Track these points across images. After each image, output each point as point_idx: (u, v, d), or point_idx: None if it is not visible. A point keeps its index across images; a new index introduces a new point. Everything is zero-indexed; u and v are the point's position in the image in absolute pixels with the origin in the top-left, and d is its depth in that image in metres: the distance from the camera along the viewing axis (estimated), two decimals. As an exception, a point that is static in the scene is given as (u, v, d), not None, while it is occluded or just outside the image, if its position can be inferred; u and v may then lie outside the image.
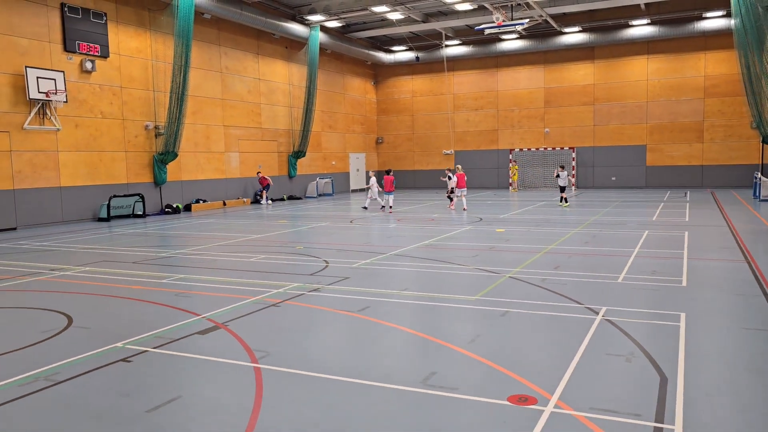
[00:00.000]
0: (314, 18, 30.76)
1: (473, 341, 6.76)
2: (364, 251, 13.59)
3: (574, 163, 35.98)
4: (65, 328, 7.66)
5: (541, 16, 30.50)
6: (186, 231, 18.72)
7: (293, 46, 32.48)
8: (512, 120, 37.90)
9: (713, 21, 31.58)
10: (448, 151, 39.66)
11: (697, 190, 32.06)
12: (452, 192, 24.18)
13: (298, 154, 32.83)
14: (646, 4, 31.57)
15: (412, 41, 38.08)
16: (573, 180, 23.12)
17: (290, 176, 32.84)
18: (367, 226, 18.84)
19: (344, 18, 31.11)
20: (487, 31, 29.33)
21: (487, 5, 28.64)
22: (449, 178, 24.70)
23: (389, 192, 22.76)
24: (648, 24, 32.74)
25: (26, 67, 19.61)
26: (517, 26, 28.16)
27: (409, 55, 39.01)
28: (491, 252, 13.10)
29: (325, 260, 12.43)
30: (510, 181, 36.85)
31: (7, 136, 19.51)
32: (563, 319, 7.60)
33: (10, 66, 19.53)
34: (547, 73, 36.75)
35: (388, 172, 23.66)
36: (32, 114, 20.07)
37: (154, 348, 6.76)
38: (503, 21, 27.77)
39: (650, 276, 10.14)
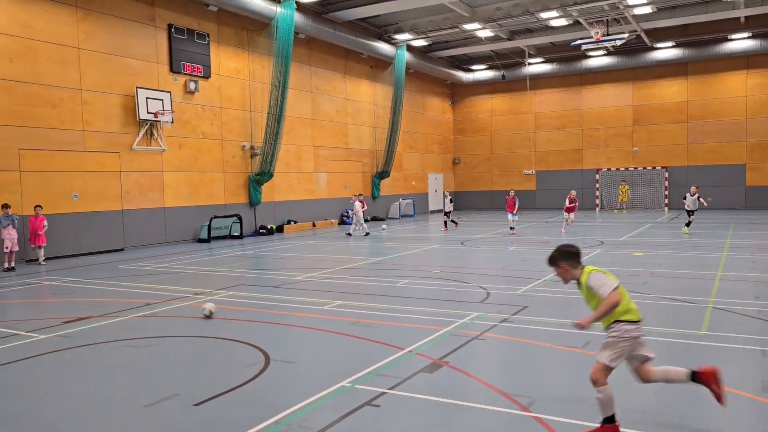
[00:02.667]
0: (401, 37, 30.33)
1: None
2: (510, 276, 12.68)
3: (666, 183, 34.35)
4: (267, 363, 6.97)
5: (635, 30, 29.37)
6: (295, 253, 18.18)
7: (378, 65, 32.12)
8: (598, 139, 36.56)
9: (822, 33, 29.81)
10: (529, 171, 38.51)
11: (807, 211, 30.02)
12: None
13: (382, 174, 32.29)
14: (746, 17, 30.05)
15: (491, 60, 37.33)
16: (704, 202, 20.91)
17: (374, 197, 32.26)
18: (486, 249, 17.92)
19: (431, 36, 30.60)
20: (583, 47, 28.36)
21: (582, 21, 27.68)
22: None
23: (510, 213, 22.43)
24: (748, 38, 31.15)
25: (137, 87, 19.60)
26: (617, 41, 27.07)
27: (489, 74, 38.25)
28: (658, 278, 12.00)
29: (479, 286, 11.58)
30: (619, 201, 35.13)
31: (117, 157, 19.47)
32: (843, 362, 6.52)
33: (122, 87, 19.54)
34: (635, 90, 35.36)
35: (511, 195, 22.89)
36: (141, 135, 20.03)
37: (390, 389, 5.98)
38: (602, 36, 26.73)
39: None
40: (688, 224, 21.14)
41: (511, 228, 22.19)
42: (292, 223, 26.49)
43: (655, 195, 34.60)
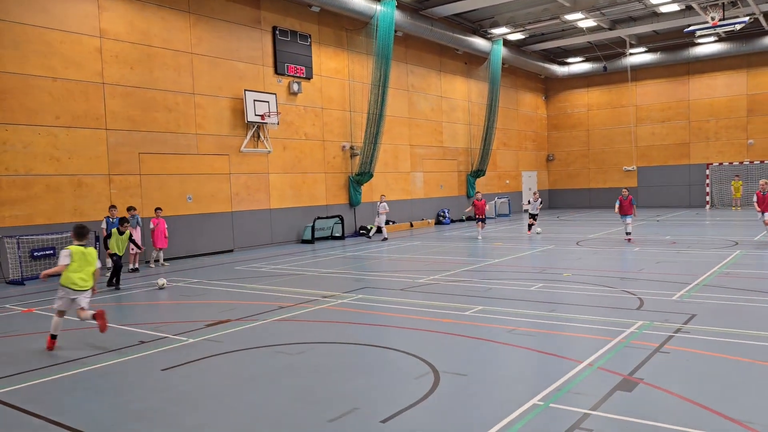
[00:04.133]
0: (497, 31, 29.44)
1: None
2: (653, 280, 11.72)
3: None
4: (437, 375, 6.49)
5: (753, 13, 27.20)
6: (404, 254, 17.76)
7: (472, 61, 31.36)
8: (707, 131, 34.27)
9: None
10: (630, 168, 36.61)
11: None
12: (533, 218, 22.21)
13: (478, 173, 31.49)
14: None
15: (587, 52, 35.74)
16: None
17: (468, 196, 31.51)
18: (608, 250, 16.86)
19: (529, 29, 29.52)
20: (698, 33, 26.56)
21: (694, 5, 25.87)
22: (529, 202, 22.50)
23: (627, 215, 18.67)
24: None
25: (245, 90, 19.77)
26: (736, 24, 25.13)
27: (584, 67, 36.67)
28: (829, 284, 10.75)
29: (625, 291, 10.72)
30: (733, 198, 32.73)
31: (227, 159, 19.71)
32: None
33: (231, 90, 19.77)
34: (750, 78, 32.88)
35: (624, 195, 19.07)
36: (248, 137, 20.20)
37: (591, 410, 5.35)
38: (719, 21, 24.88)
39: None
40: None
41: (628, 233, 18.68)
42: (391, 223, 26.16)
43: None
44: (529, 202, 21.82)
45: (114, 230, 13.14)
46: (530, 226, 22.35)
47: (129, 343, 8.30)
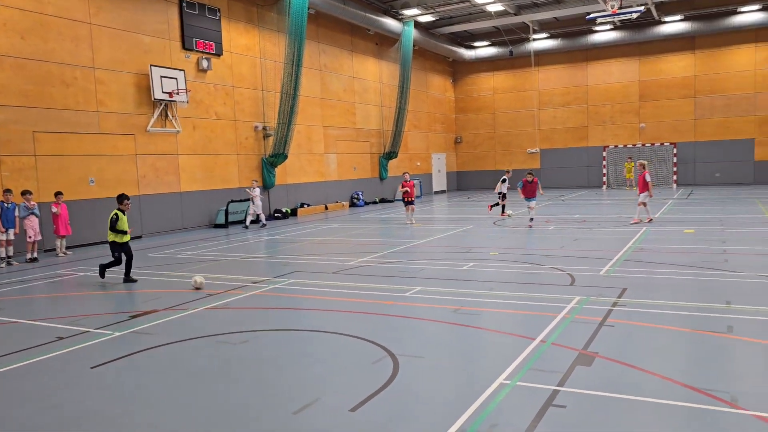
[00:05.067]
0: (408, 12, 29.41)
1: None
2: (577, 257, 12.13)
3: (675, 159, 34.15)
4: (395, 359, 6.30)
5: (646, 3, 28.82)
6: (325, 237, 17.42)
7: (383, 42, 31.18)
8: (603, 116, 36.15)
9: (831, 5, 29.60)
10: (533, 150, 38.02)
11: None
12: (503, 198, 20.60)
13: (390, 155, 31.52)
14: (756, -11, 29.73)
15: (493, 36, 36.56)
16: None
17: (381, 178, 31.52)
18: (525, 229, 17.30)
19: (439, 12, 29.72)
20: (598, 20, 27.75)
21: (596, -7, 27.04)
22: (504, 180, 20.78)
23: (531, 198, 17.83)
24: (758, 10, 30.81)
25: (151, 65, 18.52)
26: (632, 13, 26.51)
27: (491, 51, 37.50)
28: (737, 256, 11.52)
29: (554, 268, 11.00)
30: (626, 178, 34.50)
31: (132, 139, 18.43)
32: None
33: (135, 65, 18.44)
34: (642, 66, 34.93)
35: (529, 179, 18.00)
36: (156, 115, 18.99)
37: (559, 386, 5.36)
38: (618, 9, 26.13)
39: None
40: None
41: (530, 219, 17.78)
42: (305, 206, 25.66)
43: (663, 171, 34.37)
44: (504, 180, 20.31)
45: (117, 211, 11.17)
46: (503, 207, 20.86)
47: (45, 339, 7.50)
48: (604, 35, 34.33)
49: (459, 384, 5.61)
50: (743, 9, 30.91)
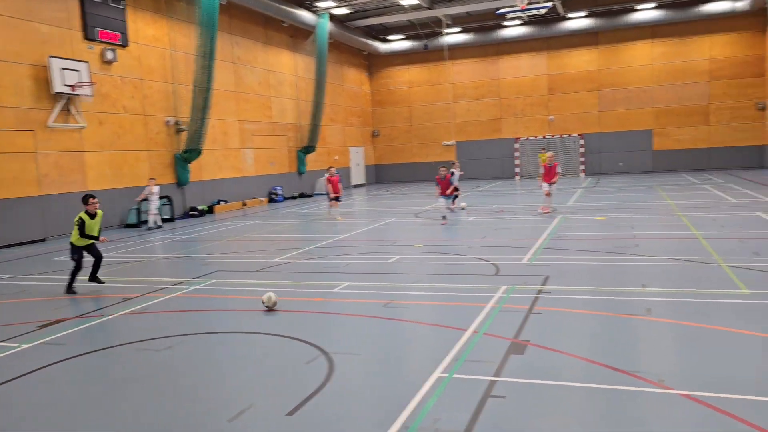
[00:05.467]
0: (322, 5, 29.09)
1: None
2: (499, 246, 12.39)
3: (582, 150, 35.73)
4: (329, 358, 6.16)
5: (553, 0, 29.90)
6: (245, 234, 16.95)
7: (298, 34, 30.68)
8: (515, 108, 37.28)
9: (718, 4, 31.80)
10: (449, 143, 38.69)
11: (708, 171, 32.23)
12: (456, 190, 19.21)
13: (308, 149, 31.12)
14: (652, -12, 31.53)
15: (407, 30, 36.84)
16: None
17: (300, 173, 31.09)
18: (449, 221, 17.52)
19: (353, 4, 29.59)
20: (508, 15, 28.49)
21: (506, -11, 27.77)
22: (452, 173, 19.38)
23: (445, 197, 17.40)
24: (654, 8, 32.68)
25: (50, 57, 17.31)
26: (540, 9, 27.37)
27: (405, 45, 37.77)
28: (646, 241, 12.13)
29: (477, 258, 11.18)
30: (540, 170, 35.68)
31: (32, 136, 17.18)
32: None
33: (32, 56, 17.17)
34: (550, 60, 36.27)
35: (442, 174, 17.42)
36: (57, 110, 17.78)
37: (495, 377, 5.41)
38: (526, 5, 26.95)
39: None
40: None
41: (443, 217, 16.80)
42: (222, 203, 24.91)
43: (571, 161, 35.87)
44: (452, 173, 19.21)
45: (83, 214, 10.00)
46: (455, 198, 19.75)
47: (-59, 357, 6.82)
48: (513, 30, 35.34)
49: (397, 380, 5.55)
50: (641, 7, 32.67)
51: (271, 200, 28.34)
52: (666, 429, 4.30)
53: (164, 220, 20.89)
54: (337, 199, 19.42)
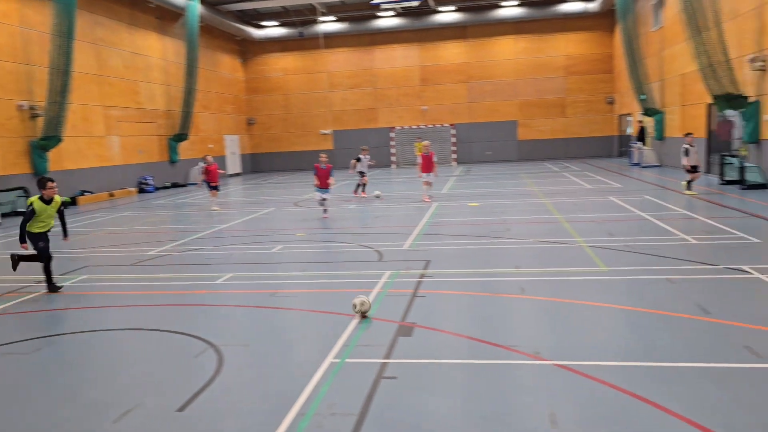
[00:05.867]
0: (193, -14, 27.92)
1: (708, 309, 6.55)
2: (381, 233, 12.67)
3: (453, 139, 37.18)
4: (217, 350, 6.04)
5: (426, -7, 30.81)
6: (116, 226, 16.00)
7: (166, 16, 29.21)
8: (390, 98, 38.00)
9: (572, 4, 34.34)
10: (326, 131, 38.71)
11: (568, 160, 34.84)
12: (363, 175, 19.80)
13: (180, 137, 29.81)
14: (515, -14, 33.39)
15: (283, 16, 36.30)
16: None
17: (172, 161, 29.73)
18: (328, 209, 17.58)
19: (226, -13, 28.65)
20: (382, 6, 28.94)
21: (380, -20, 28.16)
22: (359, 159, 20.18)
23: (323, 189, 15.36)
24: (516, 5, 34.62)
25: None
26: (413, 2, 28.08)
27: (281, 31, 37.21)
28: (516, 225, 12.92)
29: (361, 245, 11.37)
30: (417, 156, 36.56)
31: None
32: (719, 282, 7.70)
33: None
34: (422, 52, 37.30)
35: (322, 163, 15.82)
36: None
37: (386, 359, 5.59)
38: (401, -4, 27.54)
39: (722, 234, 10.71)
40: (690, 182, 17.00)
41: (324, 210, 15.40)
42: (87, 194, 23.27)
43: (444, 150, 37.22)
44: (359, 159, 19.29)
45: (35, 199, 8.70)
46: (363, 186, 19.91)
47: None
48: (387, 21, 35.93)
49: (289, 368, 5.55)
50: (504, 3, 34.47)
51: (141, 190, 26.88)
52: (543, 396, 4.67)
53: (18, 213, 19.15)
54: (215, 188, 18.79)
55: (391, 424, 4.36)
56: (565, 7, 34.51)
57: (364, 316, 6.76)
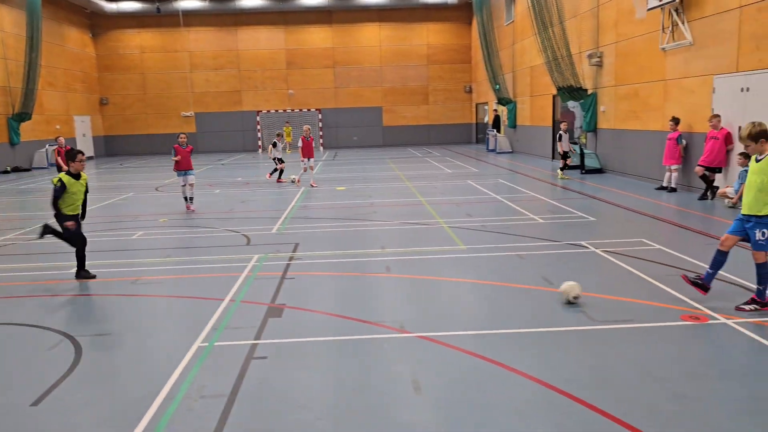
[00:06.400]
0: (33, -49, 25.46)
1: (550, 279, 7.23)
2: (248, 218, 12.53)
3: (320, 124, 37.23)
4: (74, 341, 5.75)
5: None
6: (-51, 215, 14.42)
7: (2, -17, 26.43)
8: (255, 81, 37.20)
9: (434, -5, 35.62)
10: (188, 113, 37.13)
11: (430, 146, 36.24)
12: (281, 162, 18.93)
13: (22, 116, 27.20)
14: (378, -26, 33.98)
15: (138, -10, 34.23)
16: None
17: (12, 143, 27.08)
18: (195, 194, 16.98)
19: (73, -45, 26.42)
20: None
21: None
22: (274, 144, 19.03)
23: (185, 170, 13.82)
24: (380, -7, 35.27)
25: None
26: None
27: (135, 6, 35.01)
28: (381, 207, 13.31)
29: (228, 230, 11.19)
30: (286, 142, 35.98)
31: None
32: (569, 255, 8.54)
33: None
34: (288, 35, 36.85)
35: (182, 143, 14.01)
36: None
37: (256, 340, 5.64)
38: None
39: (565, 213, 11.74)
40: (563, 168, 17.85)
41: (190, 199, 13.79)
42: None
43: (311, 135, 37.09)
44: (274, 144, 18.49)
45: (63, 175, 7.86)
46: (281, 172, 19.01)
47: None
48: (251, 2, 35.04)
49: (156, 355, 5.42)
50: (369, -9, 34.99)
51: (-23, 175, 24.27)
52: (407, 366, 4.97)
53: None
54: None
55: (263, 401, 4.44)
56: (426, -2, 35.67)
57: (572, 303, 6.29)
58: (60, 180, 7.91)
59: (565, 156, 17.75)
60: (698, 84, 13.59)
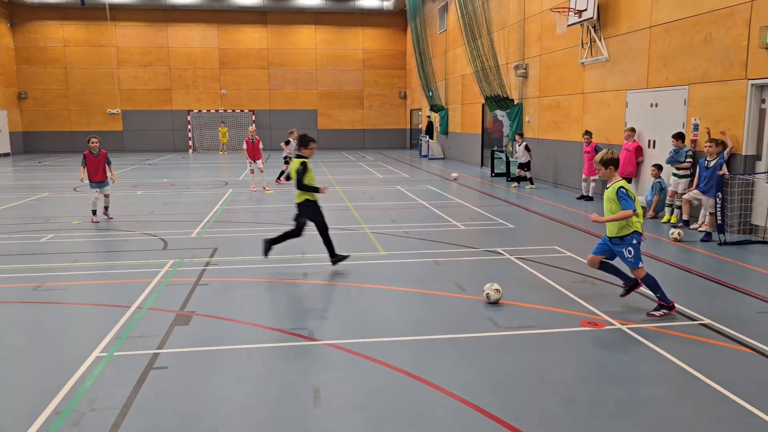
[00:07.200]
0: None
1: (469, 285, 7.37)
2: (167, 221, 12.21)
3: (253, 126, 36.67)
4: (-37, 350, 5.45)
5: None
6: None
7: None
8: (186, 80, 36.32)
9: (370, 1, 35.76)
10: (114, 111, 35.85)
11: (364, 150, 36.34)
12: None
13: (-71, 109, 25.57)
14: (314, -24, 33.88)
15: (62, -19, 32.82)
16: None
17: None
18: (114, 195, 16.37)
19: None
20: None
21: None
22: (287, 143, 17.98)
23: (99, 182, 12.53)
24: (316, -4, 35.16)
25: None
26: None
27: (59, -3, 33.59)
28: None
29: (145, 233, 10.86)
30: (220, 143, 35.49)
31: None
32: (489, 262, 8.74)
33: None
34: (221, 34, 36.19)
35: (94, 150, 12.62)
36: None
37: (159, 349, 5.50)
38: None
39: (487, 221, 11.98)
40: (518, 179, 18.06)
41: (105, 209, 12.59)
42: None
43: (243, 137, 36.53)
44: (287, 142, 17.63)
45: (305, 161, 8.27)
46: (281, 172, 18.19)
47: None
48: (183, -2, 34.29)
49: (48, 366, 5.19)
50: (305, -7, 34.83)
51: None
52: (310, 374, 4.95)
53: None
54: None
55: (156, 413, 4.32)
56: (362, 3, 35.80)
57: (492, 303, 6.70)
58: (303, 164, 8.25)
59: (522, 167, 17.67)
60: (613, 98, 14.21)
